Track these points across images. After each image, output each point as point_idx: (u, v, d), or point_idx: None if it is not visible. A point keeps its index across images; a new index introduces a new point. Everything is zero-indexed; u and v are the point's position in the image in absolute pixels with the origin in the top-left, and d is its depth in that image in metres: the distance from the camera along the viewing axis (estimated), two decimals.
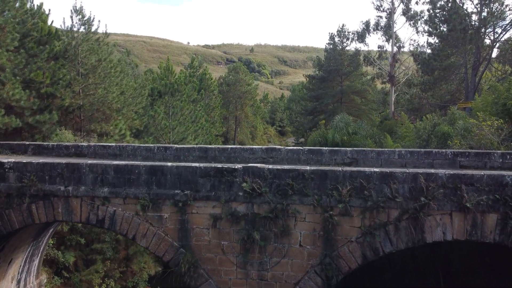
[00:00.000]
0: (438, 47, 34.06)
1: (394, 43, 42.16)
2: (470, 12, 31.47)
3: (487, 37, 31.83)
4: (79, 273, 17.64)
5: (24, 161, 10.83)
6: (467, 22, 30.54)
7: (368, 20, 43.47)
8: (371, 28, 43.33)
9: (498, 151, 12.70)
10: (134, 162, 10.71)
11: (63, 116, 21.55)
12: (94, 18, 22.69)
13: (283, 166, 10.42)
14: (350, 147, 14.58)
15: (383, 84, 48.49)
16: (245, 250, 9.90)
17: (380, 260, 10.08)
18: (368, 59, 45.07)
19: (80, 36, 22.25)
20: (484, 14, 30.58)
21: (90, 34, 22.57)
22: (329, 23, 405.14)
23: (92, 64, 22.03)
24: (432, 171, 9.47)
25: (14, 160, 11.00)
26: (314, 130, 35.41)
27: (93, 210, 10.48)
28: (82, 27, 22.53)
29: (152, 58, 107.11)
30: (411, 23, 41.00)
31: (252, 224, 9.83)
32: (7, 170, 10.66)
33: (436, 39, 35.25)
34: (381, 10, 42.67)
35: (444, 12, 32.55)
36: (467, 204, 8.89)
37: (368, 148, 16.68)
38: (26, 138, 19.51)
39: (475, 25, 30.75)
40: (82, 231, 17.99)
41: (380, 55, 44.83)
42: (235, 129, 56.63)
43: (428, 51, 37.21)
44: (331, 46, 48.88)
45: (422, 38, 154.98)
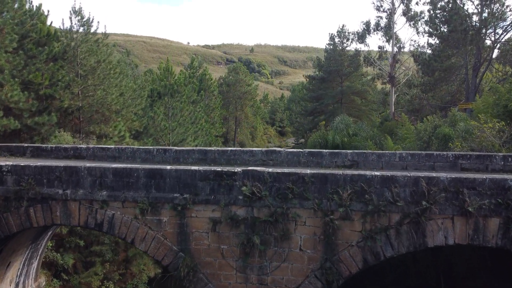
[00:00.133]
0: (439, 48, 34.03)
1: (395, 43, 42.16)
2: (471, 13, 31.48)
3: (487, 38, 31.86)
4: (78, 275, 17.57)
5: (22, 164, 10.74)
6: (468, 22, 30.50)
7: (368, 21, 43.55)
8: (371, 29, 43.38)
9: (499, 153, 12.65)
10: (132, 166, 10.61)
11: (62, 117, 21.44)
12: (93, 19, 22.68)
13: (283, 169, 10.29)
14: (350, 149, 14.57)
15: (383, 84, 48.50)
16: (245, 254, 9.81)
17: (381, 263, 9.98)
18: (368, 60, 45.04)
19: (79, 37, 22.17)
20: (484, 14, 30.55)
21: (89, 35, 22.49)
22: (329, 23, 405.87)
23: (91, 65, 21.96)
24: (434, 174, 9.38)
25: (12, 163, 10.92)
26: (314, 131, 35.33)
27: (91, 214, 10.39)
28: (81, 28, 22.47)
29: (152, 58, 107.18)
30: (411, 24, 41.05)
31: (252, 228, 9.74)
32: (5, 173, 10.58)
33: (436, 39, 35.22)
34: (381, 10, 42.74)
35: (445, 13, 32.52)
36: (469, 208, 8.80)
37: (368, 150, 16.60)
38: (25, 140, 19.43)
39: (476, 26, 30.70)
40: (81, 233, 17.91)
41: (380, 55, 44.82)
42: (235, 129, 56.57)
43: (429, 51, 37.24)
44: (331, 46, 48.89)
45: (423, 39, 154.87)
